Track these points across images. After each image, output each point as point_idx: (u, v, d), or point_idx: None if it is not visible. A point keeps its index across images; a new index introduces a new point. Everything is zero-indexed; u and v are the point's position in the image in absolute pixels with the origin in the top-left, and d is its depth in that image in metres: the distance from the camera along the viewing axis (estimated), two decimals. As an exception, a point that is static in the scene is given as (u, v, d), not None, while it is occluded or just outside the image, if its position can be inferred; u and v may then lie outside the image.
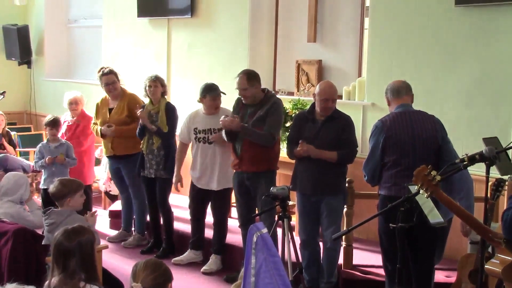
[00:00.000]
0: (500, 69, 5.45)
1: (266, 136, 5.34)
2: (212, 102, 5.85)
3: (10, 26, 10.35)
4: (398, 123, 4.42)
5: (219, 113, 5.83)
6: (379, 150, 4.43)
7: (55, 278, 3.23)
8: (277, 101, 5.48)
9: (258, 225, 2.51)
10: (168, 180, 6.35)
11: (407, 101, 4.56)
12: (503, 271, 3.09)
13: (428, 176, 3.30)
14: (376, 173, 4.49)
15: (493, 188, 4.37)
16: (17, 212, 4.94)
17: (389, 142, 4.39)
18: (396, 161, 4.40)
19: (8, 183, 5.46)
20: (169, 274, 3.12)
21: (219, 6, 7.65)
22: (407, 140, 4.39)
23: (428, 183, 3.30)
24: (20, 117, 10.74)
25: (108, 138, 6.55)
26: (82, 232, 3.36)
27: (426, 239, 4.30)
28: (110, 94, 6.59)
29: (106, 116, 6.58)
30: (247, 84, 5.41)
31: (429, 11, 5.84)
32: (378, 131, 4.45)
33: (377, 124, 4.49)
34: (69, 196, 4.58)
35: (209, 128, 5.89)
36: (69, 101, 7.04)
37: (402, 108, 4.51)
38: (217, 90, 5.88)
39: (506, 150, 4.25)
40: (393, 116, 4.48)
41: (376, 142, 4.45)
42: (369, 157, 4.52)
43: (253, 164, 5.43)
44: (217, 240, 6.02)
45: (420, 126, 4.43)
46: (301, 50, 7.22)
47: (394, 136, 4.39)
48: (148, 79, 6.29)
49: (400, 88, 4.56)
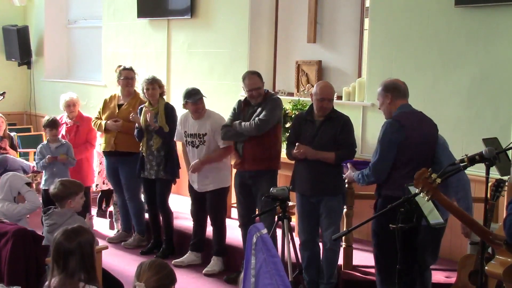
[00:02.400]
0: (500, 69, 5.45)
1: (250, 125, 5.37)
2: (194, 107, 5.86)
3: (10, 26, 10.35)
4: (412, 122, 4.39)
5: (206, 117, 5.89)
6: (395, 149, 4.34)
7: (55, 279, 3.23)
8: (276, 99, 5.54)
9: (258, 226, 2.52)
10: (168, 181, 6.35)
11: (407, 101, 4.55)
12: (504, 272, 3.09)
13: (428, 179, 3.29)
14: (386, 172, 4.39)
15: (493, 188, 4.36)
16: (7, 209, 5.00)
17: (407, 142, 4.32)
18: (409, 161, 4.34)
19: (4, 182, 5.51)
20: (173, 276, 3.11)
21: (219, 7, 7.65)
22: (419, 140, 4.37)
23: (429, 186, 3.30)
24: (20, 117, 10.74)
25: (111, 133, 6.54)
26: (82, 232, 3.36)
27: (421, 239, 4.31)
28: (126, 89, 6.61)
29: (115, 110, 6.60)
30: (260, 82, 5.47)
31: (429, 11, 5.84)
32: (394, 129, 4.34)
33: (392, 122, 4.37)
34: (70, 197, 4.59)
35: (197, 133, 5.90)
36: (66, 103, 7.02)
37: (408, 108, 4.48)
38: (197, 95, 5.85)
39: (506, 151, 4.25)
40: (407, 115, 4.42)
41: (392, 141, 4.34)
42: (383, 156, 4.37)
43: (255, 163, 5.46)
44: (217, 242, 6.02)
45: (427, 127, 4.46)
46: (301, 51, 7.23)
47: (410, 136, 4.34)
48: (145, 81, 6.28)
49: (406, 89, 4.53)
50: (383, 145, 4.38)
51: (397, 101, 4.47)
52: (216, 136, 5.81)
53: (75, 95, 7.17)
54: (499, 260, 3.18)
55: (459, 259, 4.67)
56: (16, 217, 5.19)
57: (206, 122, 5.88)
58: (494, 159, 3.57)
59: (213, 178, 5.90)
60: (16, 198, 5.32)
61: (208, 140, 5.85)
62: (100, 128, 6.63)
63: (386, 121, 4.46)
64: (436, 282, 4.89)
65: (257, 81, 5.47)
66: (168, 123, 6.22)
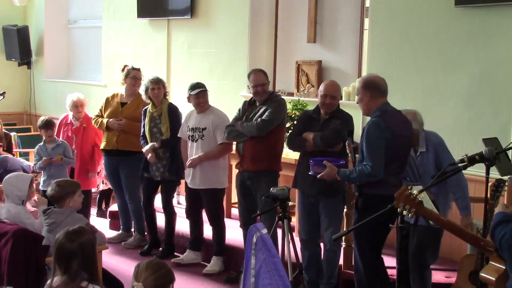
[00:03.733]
0: (500, 69, 5.45)
1: (251, 126, 5.37)
2: (196, 100, 5.85)
3: (10, 26, 10.36)
4: (396, 122, 4.39)
5: (208, 112, 5.88)
6: (383, 147, 4.32)
7: (57, 278, 3.24)
8: (280, 100, 5.53)
9: (258, 226, 2.52)
10: (173, 183, 6.35)
11: (386, 99, 4.52)
12: (497, 280, 3.08)
13: (410, 196, 3.27)
14: (383, 168, 4.34)
15: (493, 188, 4.37)
16: (18, 213, 4.94)
17: (391, 141, 4.32)
18: (391, 161, 4.35)
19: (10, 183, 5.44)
20: (171, 275, 3.12)
21: (219, 7, 7.65)
22: (402, 140, 4.38)
23: (411, 203, 3.27)
24: (20, 117, 10.74)
25: (113, 132, 6.53)
26: (83, 233, 3.37)
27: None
28: (132, 89, 6.60)
29: (118, 108, 6.58)
30: (265, 79, 5.48)
31: (429, 11, 5.84)
32: (381, 128, 4.31)
33: (378, 122, 4.34)
34: (68, 197, 4.59)
35: (197, 127, 5.89)
36: (74, 103, 6.92)
37: (389, 107, 4.47)
38: (199, 87, 5.85)
39: (506, 151, 4.25)
40: (389, 115, 4.40)
41: (380, 139, 4.31)
42: (379, 154, 4.32)
43: (253, 163, 5.44)
44: (216, 242, 6.01)
45: (407, 127, 4.48)
46: (301, 51, 7.23)
47: (394, 136, 4.33)
48: (150, 81, 6.26)
49: (386, 87, 4.51)
50: (376, 143, 4.33)
51: (376, 99, 4.44)
52: (215, 132, 5.80)
53: (83, 96, 7.08)
54: (493, 267, 3.16)
55: (459, 259, 4.67)
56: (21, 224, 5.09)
57: (208, 116, 5.86)
58: (494, 159, 3.56)
59: (204, 175, 5.85)
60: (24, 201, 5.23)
61: (207, 135, 5.82)
62: (101, 126, 6.60)
63: (370, 121, 4.42)
64: (436, 282, 4.89)
65: (263, 77, 5.48)
66: (171, 123, 6.21)
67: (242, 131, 5.44)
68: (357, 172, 4.40)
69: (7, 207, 4.94)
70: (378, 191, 4.31)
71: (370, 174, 4.33)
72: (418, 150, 4.61)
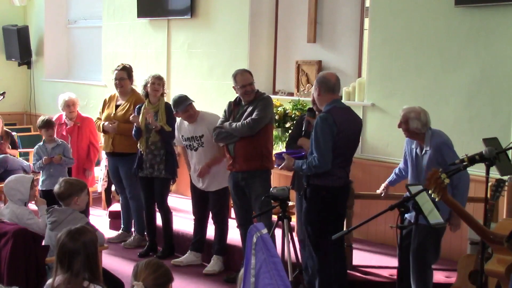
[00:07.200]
0: (500, 69, 5.45)
1: (242, 126, 5.37)
2: (185, 114, 5.86)
3: (10, 26, 10.36)
4: (344, 119, 4.61)
5: (199, 119, 5.89)
6: (332, 140, 4.54)
7: (59, 277, 3.24)
8: (267, 98, 5.54)
9: (258, 226, 2.51)
10: (167, 180, 6.35)
11: (338, 96, 4.80)
12: (506, 270, 3.09)
13: (439, 179, 3.31)
14: (331, 160, 4.56)
15: (493, 188, 4.37)
16: (22, 213, 4.94)
17: (338, 136, 4.55)
18: (338, 155, 4.59)
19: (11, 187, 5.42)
20: (169, 275, 3.13)
21: (219, 7, 7.65)
22: (349, 136, 4.66)
23: (440, 187, 3.32)
24: (20, 117, 10.75)
25: (109, 134, 6.56)
26: (85, 232, 3.38)
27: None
28: (118, 90, 6.61)
29: (112, 111, 6.60)
30: (252, 78, 5.50)
31: (429, 11, 5.84)
32: (328, 123, 4.53)
33: (326, 117, 4.56)
34: (77, 194, 4.61)
35: (193, 136, 5.91)
36: (65, 103, 6.93)
37: (338, 103, 4.72)
38: (185, 102, 5.82)
39: (506, 151, 4.25)
40: (338, 111, 4.62)
41: (327, 133, 4.53)
42: (326, 147, 4.54)
43: (245, 163, 5.43)
44: (218, 241, 6.01)
45: (356, 123, 4.79)
46: (301, 51, 7.23)
47: (342, 131, 4.56)
48: (153, 76, 6.30)
49: (336, 84, 4.72)
50: (323, 138, 4.56)
51: (325, 95, 4.69)
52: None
53: (74, 95, 7.11)
54: (498, 258, 3.18)
55: (459, 259, 4.67)
56: (23, 225, 5.08)
57: (200, 124, 5.87)
58: (494, 159, 3.58)
59: (213, 178, 5.90)
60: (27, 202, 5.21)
61: (207, 141, 5.84)
62: (99, 129, 6.67)
63: (319, 116, 4.65)
64: (436, 282, 4.89)
65: (250, 77, 5.50)
66: (168, 122, 6.22)
67: (232, 132, 5.43)
68: (307, 164, 4.64)
69: (11, 208, 4.95)
70: (324, 182, 4.64)
71: (316, 166, 4.57)
72: (424, 148, 4.63)
